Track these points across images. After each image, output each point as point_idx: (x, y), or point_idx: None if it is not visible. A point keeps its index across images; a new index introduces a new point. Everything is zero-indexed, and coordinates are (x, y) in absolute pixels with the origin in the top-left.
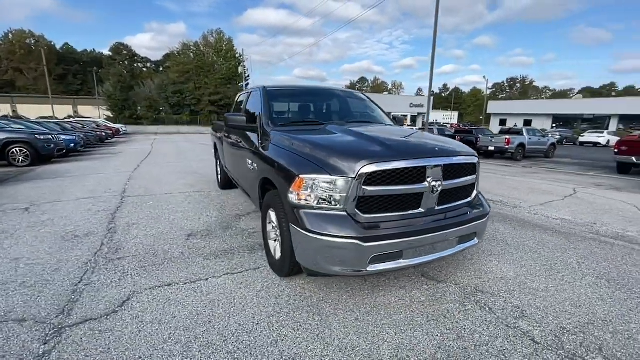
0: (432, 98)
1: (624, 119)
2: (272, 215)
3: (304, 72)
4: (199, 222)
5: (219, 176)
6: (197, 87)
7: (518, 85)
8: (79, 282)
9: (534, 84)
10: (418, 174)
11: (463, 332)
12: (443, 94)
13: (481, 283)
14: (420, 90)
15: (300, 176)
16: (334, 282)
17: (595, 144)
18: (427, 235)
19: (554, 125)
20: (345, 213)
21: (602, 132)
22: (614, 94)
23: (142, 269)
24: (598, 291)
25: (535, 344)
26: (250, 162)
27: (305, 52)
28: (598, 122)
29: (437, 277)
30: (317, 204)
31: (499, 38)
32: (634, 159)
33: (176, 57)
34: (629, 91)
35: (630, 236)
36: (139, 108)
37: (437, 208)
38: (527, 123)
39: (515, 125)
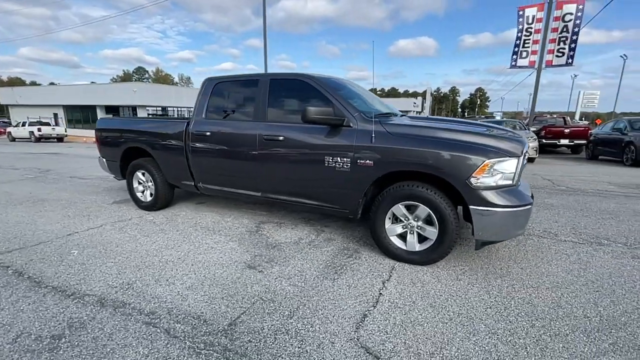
0: None
1: None
2: (402, 209)
3: (41, 54)
4: (223, 251)
5: (143, 193)
6: None
7: None
8: None
9: None
10: None
11: (590, 263)
12: None
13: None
14: None
15: (487, 161)
16: (467, 264)
17: None
18: None
19: None
20: (515, 186)
21: None
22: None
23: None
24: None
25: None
26: (337, 161)
27: (37, 26)
28: None
29: None
30: (498, 183)
31: (268, 42)
32: None
33: None
34: None
35: None
36: None
37: None
38: None
39: None
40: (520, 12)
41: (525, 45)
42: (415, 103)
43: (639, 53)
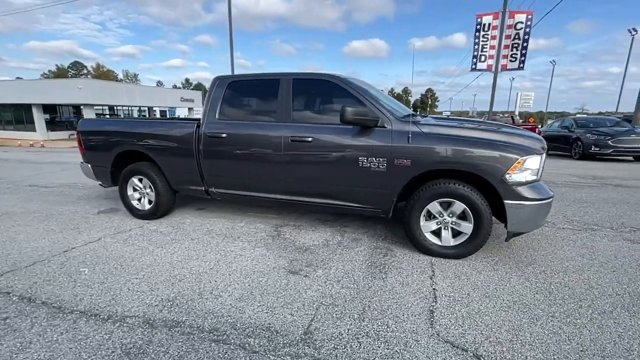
0: None
1: None
2: (438, 206)
3: None
4: (254, 258)
5: (140, 201)
6: None
7: None
8: None
9: None
10: None
11: (594, 247)
12: (187, 89)
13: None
14: (160, 82)
15: (520, 158)
16: (494, 254)
17: None
18: None
19: None
20: (539, 181)
21: None
22: None
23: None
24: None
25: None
26: (372, 161)
27: None
28: None
29: None
30: (527, 178)
31: (219, 39)
32: None
33: None
34: None
35: None
36: None
37: None
38: None
39: None
40: (479, 20)
41: (484, 50)
42: None
43: (561, 59)
